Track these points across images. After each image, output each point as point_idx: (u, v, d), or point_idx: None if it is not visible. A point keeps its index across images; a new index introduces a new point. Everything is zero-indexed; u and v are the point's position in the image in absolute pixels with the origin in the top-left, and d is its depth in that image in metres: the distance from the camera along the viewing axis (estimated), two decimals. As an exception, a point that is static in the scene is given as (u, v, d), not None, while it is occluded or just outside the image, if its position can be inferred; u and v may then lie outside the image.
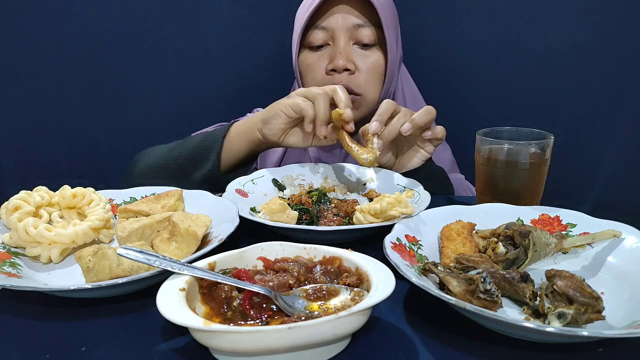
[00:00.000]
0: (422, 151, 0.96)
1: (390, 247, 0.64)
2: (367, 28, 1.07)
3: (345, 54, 1.07)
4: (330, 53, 1.09)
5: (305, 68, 1.13)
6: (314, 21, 1.09)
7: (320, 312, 0.52)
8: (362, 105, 1.11)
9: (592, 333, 0.47)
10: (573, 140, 1.24)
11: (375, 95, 1.12)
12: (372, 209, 0.75)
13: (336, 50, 1.08)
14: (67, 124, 1.50)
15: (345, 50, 1.08)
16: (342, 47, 1.07)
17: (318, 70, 1.10)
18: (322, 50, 1.11)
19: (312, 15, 1.07)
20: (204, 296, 0.54)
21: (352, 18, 1.06)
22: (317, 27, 1.09)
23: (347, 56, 1.07)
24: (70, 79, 1.47)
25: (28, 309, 0.61)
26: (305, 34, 1.11)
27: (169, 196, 0.83)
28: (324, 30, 1.08)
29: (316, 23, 1.09)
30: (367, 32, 1.07)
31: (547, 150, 0.85)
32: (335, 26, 1.07)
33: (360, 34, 1.07)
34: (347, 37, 1.08)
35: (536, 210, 0.78)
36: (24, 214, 0.73)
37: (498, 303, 0.55)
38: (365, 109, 1.13)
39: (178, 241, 0.69)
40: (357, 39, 1.08)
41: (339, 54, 1.07)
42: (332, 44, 1.09)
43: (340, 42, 1.07)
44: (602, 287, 0.61)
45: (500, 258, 0.66)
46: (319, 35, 1.09)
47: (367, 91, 1.10)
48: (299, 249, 0.61)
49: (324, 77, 1.10)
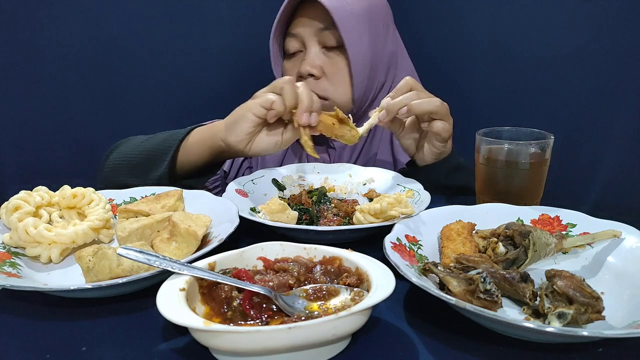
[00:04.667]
0: (432, 147, 0.94)
1: (390, 247, 0.64)
2: (329, 31, 1.07)
3: (311, 60, 1.08)
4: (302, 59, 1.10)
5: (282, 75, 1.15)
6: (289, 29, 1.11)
7: (320, 312, 0.52)
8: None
9: (592, 333, 0.48)
10: (573, 140, 1.24)
11: (344, 96, 1.11)
12: (372, 209, 0.75)
13: (305, 56, 1.09)
14: (67, 124, 1.50)
15: (311, 57, 1.09)
16: (310, 52, 1.09)
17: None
18: (296, 57, 1.13)
19: (285, 24, 1.10)
20: (204, 296, 0.54)
21: (317, 23, 1.07)
22: (289, 34, 1.11)
23: (312, 62, 1.08)
24: (70, 79, 1.47)
25: (28, 309, 0.61)
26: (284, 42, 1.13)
27: (169, 196, 0.83)
28: (295, 37, 1.10)
29: (288, 30, 1.11)
30: (330, 35, 1.07)
31: (547, 150, 0.85)
32: (302, 32, 1.09)
33: (325, 37, 1.08)
34: (316, 42, 1.09)
35: (536, 210, 0.78)
36: (24, 214, 0.73)
37: (498, 303, 0.55)
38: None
39: (178, 241, 0.69)
40: (323, 42, 1.09)
41: (304, 60, 1.09)
42: (304, 50, 1.11)
43: (310, 48, 1.09)
44: (602, 287, 0.61)
45: (500, 258, 0.66)
46: (292, 43, 1.11)
47: (334, 95, 1.10)
48: (299, 249, 0.61)
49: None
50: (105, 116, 1.53)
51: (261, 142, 0.90)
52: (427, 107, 0.86)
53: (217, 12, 1.52)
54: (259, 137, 0.90)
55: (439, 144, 0.93)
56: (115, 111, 1.54)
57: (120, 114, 1.54)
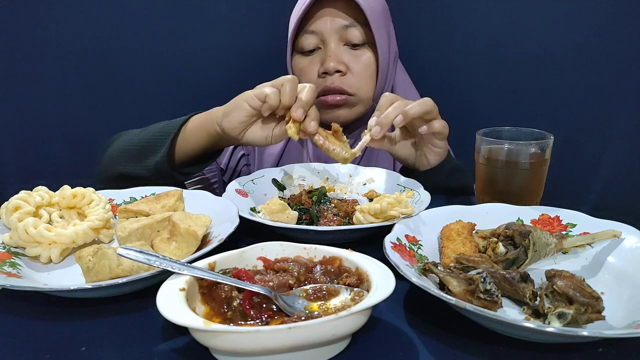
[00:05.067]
0: (433, 148, 0.93)
1: (390, 247, 0.64)
2: (355, 28, 1.09)
3: (336, 56, 1.09)
4: (322, 56, 1.11)
5: (298, 73, 1.15)
6: (304, 25, 1.11)
7: (320, 312, 0.52)
8: (357, 105, 1.13)
9: (592, 333, 0.47)
10: (573, 140, 1.24)
11: (369, 93, 1.14)
12: (372, 209, 0.75)
13: (327, 53, 1.10)
14: (67, 124, 1.50)
15: (335, 52, 1.09)
16: (332, 49, 1.09)
17: (311, 74, 1.12)
18: (313, 54, 1.13)
19: (301, 20, 1.09)
20: (204, 296, 0.54)
21: (340, 20, 1.08)
22: (307, 31, 1.11)
23: (337, 58, 1.09)
24: (70, 79, 1.47)
25: (28, 309, 0.61)
26: (296, 39, 1.13)
27: (169, 196, 0.83)
28: (313, 34, 1.10)
29: (306, 27, 1.11)
30: (355, 33, 1.09)
31: (547, 150, 0.85)
32: (324, 29, 1.09)
33: (349, 35, 1.09)
34: (337, 39, 1.10)
35: (536, 210, 0.78)
36: (24, 214, 0.73)
37: (498, 303, 0.55)
38: (361, 108, 1.15)
39: (178, 241, 0.69)
40: (347, 39, 1.10)
41: (329, 56, 1.09)
42: (323, 47, 1.11)
43: (330, 45, 1.09)
44: (602, 287, 0.61)
45: (500, 258, 0.66)
46: (310, 40, 1.11)
47: (359, 90, 1.12)
48: (299, 249, 0.61)
49: (317, 80, 1.11)
50: (106, 116, 1.53)
51: (253, 134, 0.90)
52: (421, 109, 0.86)
53: (217, 11, 1.52)
54: (252, 128, 0.90)
55: (441, 143, 0.93)
56: (116, 111, 1.54)
57: (121, 114, 1.54)
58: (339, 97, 1.10)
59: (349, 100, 1.11)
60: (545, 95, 1.34)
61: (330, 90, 1.10)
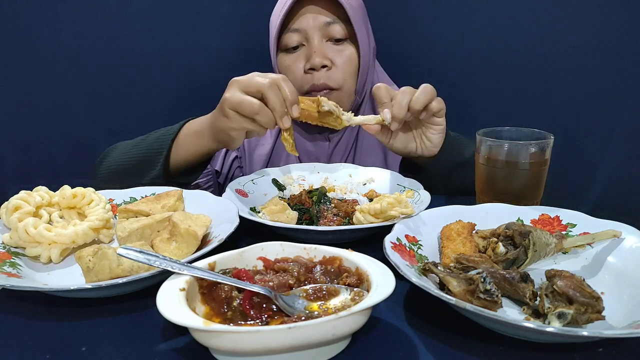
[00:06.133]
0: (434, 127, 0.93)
1: (390, 247, 0.64)
2: (337, 24, 1.11)
3: (321, 51, 1.11)
4: (306, 53, 1.13)
5: (284, 70, 1.16)
6: (287, 24, 1.13)
7: (320, 312, 0.52)
8: (342, 99, 1.15)
9: (592, 333, 0.47)
10: (573, 140, 1.24)
11: (352, 87, 1.16)
12: (372, 209, 0.75)
13: (311, 49, 1.12)
14: (67, 124, 1.50)
15: (320, 48, 1.11)
16: (316, 45, 1.11)
17: (296, 71, 1.13)
18: (297, 51, 1.14)
19: (284, 19, 1.11)
20: (204, 296, 0.54)
21: (322, 17, 1.11)
22: (290, 29, 1.13)
23: (322, 53, 1.11)
24: (70, 79, 1.47)
25: (28, 309, 0.61)
26: (280, 37, 1.15)
27: (169, 196, 0.83)
28: (297, 32, 1.12)
29: (289, 26, 1.13)
30: (338, 28, 1.11)
31: (547, 150, 0.85)
32: (307, 27, 1.11)
33: (332, 31, 1.11)
34: (320, 36, 1.12)
35: (536, 210, 0.78)
36: (24, 214, 0.73)
37: (498, 303, 0.55)
38: (346, 102, 1.17)
39: (178, 241, 0.69)
40: (329, 35, 1.12)
41: (314, 52, 1.11)
42: (307, 44, 1.13)
43: (314, 41, 1.11)
44: (602, 287, 0.61)
45: (500, 258, 0.66)
46: (294, 37, 1.13)
47: (344, 84, 1.14)
48: (299, 249, 0.61)
49: (303, 76, 1.13)
50: (106, 116, 1.53)
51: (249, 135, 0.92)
52: (425, 97, 0.87)
53: (216, 10, 1.52)
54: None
55: (440, 119, 0.92)
56: (116, 111, 1.54)
57: (120, 113, 1.54)
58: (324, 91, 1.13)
59: (334, 95, 1.14)
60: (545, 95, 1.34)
61: (316, 88, 1.12)
